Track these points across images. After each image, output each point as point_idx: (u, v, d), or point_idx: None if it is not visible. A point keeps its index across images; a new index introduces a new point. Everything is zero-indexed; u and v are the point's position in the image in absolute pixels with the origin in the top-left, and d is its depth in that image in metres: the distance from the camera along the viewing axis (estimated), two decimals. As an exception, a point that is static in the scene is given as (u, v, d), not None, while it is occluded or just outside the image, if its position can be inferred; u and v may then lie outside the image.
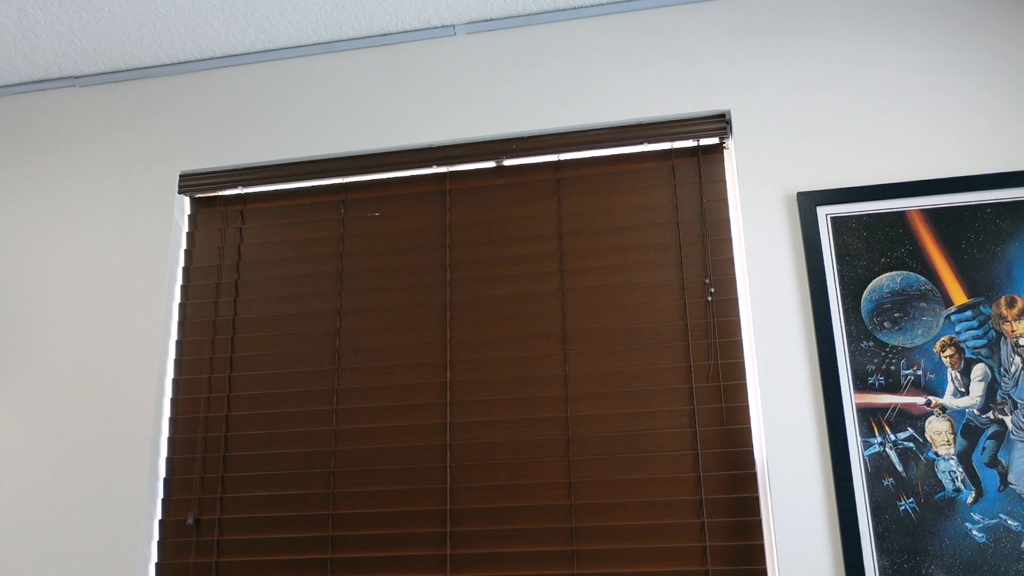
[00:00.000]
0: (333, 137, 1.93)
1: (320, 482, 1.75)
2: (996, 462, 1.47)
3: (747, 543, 1.57)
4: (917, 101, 1.69)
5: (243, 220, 1.96)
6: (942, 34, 1.73)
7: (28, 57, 2.02)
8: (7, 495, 1.82)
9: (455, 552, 1.66)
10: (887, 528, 1.47)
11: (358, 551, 1.70)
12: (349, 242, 1.89)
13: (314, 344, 1.84)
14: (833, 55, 1.75)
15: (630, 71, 1.84)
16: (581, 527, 1.63)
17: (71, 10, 1.84)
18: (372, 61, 1.97)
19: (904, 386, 1.53)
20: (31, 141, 2.10)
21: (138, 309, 1.88)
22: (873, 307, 1.58)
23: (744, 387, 1.64)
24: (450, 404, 1.75)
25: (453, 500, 1.69)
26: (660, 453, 1.64)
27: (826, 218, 1.64)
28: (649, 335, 1.71)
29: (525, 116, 1.85)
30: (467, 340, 1.78)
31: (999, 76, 1.68)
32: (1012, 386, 1.50)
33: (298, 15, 1.89)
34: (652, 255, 1.75)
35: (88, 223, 1.99)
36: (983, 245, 1.57)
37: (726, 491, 1.60)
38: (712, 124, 1.78)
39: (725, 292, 1.70)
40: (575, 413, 1.69)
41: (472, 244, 1.83)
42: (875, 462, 1.50)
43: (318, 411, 1.80)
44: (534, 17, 1.91)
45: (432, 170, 1.90)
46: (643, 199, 1.79)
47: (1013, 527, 1.44)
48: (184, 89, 2.05)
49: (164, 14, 1.87)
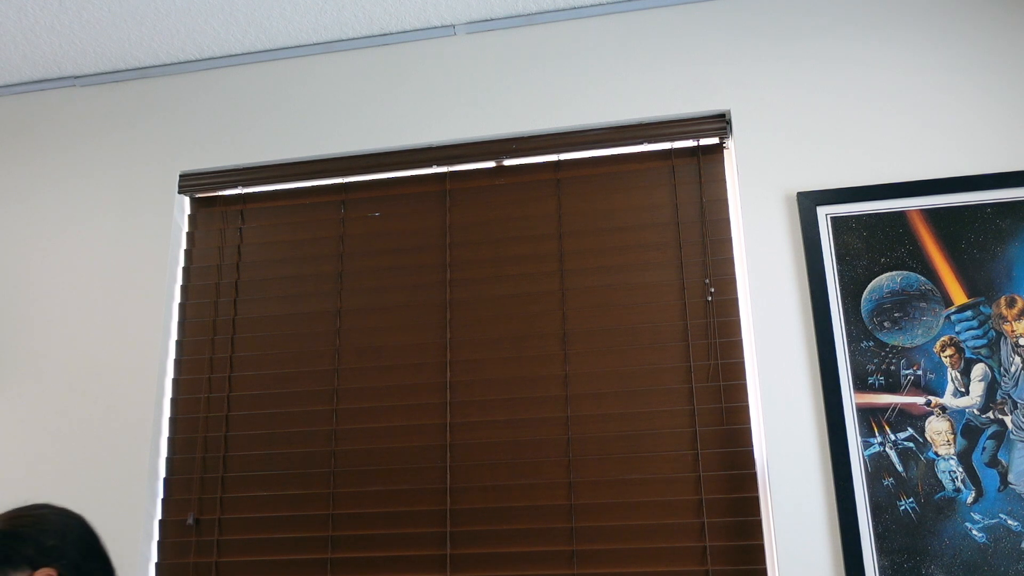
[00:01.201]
0: (333, 137, 1.93)
1: (320, 482, 1.75)
2: (996, 462, 1.47)
3: (747, 543, 1.57)
4: (917, 101, 1.69)
5: (243, 220, 1.96)
6: (942, 34, 1.73)
7: (28, 57, 2.02)
8: (8, 494, 1.82)
9: (455, 552, 1.66)
10: (887, 528, 1.47)
11: (358, 551, 1.70)
12: (349, 242, 1.89)
13: (314, 344, 1.84)
14: (833, 55, 1.76)
15: (630, 71, 1.84)
16: (581, 527, 1.63)
17: (71, 10, 1.84)
18: (372, 61, 1.97)
19: (904, 386, 1.53)
20: (31, 141, 2.10)
21: (138, 309, 1.88)
22: (873, 307, 1.58)
23: (744, 387, 1.64)
24: (450, 404, 1.75)
25: (453, 500, 1.69)
26: (660, 453, 1.64)
27: (826, 218, 1.64)
28: (649, 335, 1.71)
29: (525, 116, 1.85)
30: (467, 340, 1.78)
31: (999, 76, 1.68)
32: (1012, 386, 1.50)
33: (298, 15, 1.89)
34: (652, 255, 1.75)
35: (88, 223, 1.99)
36: (983, 245, 1.57)
37: (726, 491, 1.60)
38: (712, 124, 1.78)
39: (725, 292, 1.70)
40: (575, 413, 1.69)
41: (472, 244, 1.83)
42: (875, 462, 1.50)
43: (318, 411, 1.80)
44: (534, 17, 1.91)
45: (432, 170, 1.90)
46: (643, 199, 1.79)
47: (1013, 527, 1.44)
48: (184, 89, 2.05)
49: (164, 14, 1.87)
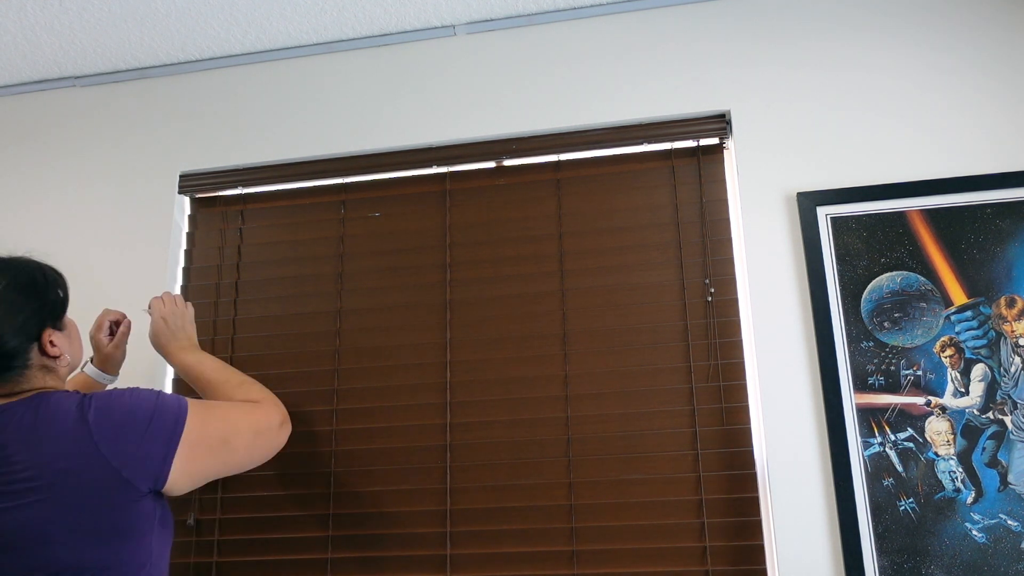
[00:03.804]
0: (333, 137, 1.93)
1: (320, 482, 1.75)
2: (996, 462, 1.47)
3: (747, 543, 1.57)
4: (917, 101, 1.69)
5: (243, 220, 1.96)
6: (942, 35, 1.73)
7: (28, 57, 2.02)
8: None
9: (455, 552, 1.66)
10: (887, 528, 1.47)
11: (358, 551, 1.70)
12: (349, 242, 1.89)
13: (314, 344, 1.84)
14: (833, 55, 1.76)
15: (630, 71, 1.84)
16: (581, 527, 1.63)
17: (71, 10, 1.84)
18: (372, 61, 1.98)
19: (904, 386, 1.53)
20: (31, 141, 2.10)
21: (138, 309, 1.88)
22: (873, 307, 1.58)
23: (744, 387, 1.64)
24: (450, 404, 1.75)
25: (453, 500, 1.69)
26: (660, 453, 1.64)
27: (826, 218, 1.64)
28: (649, 335, 1.71)
29: (525, 116, 1.85)
30: (467, 340, 1.78)
31: (999, 77, 1.68)
32: (1012, 386, 1.50)
33: (298, 15, 1.89)
34: (652, 255, 1.75)
35: (88, 223, 1.99)
36: (983, 245, 1.57)
37: (726, 491, 1.60)
38: (712, 124, 1.78)
39: (725, 292, 1.70)
40: (575, 413, 1.69)
41: (472, 244, 1.83)
42: (875, 462, 1.50)
43: (318, 411, 1.80)
44: (534, 17, 1.91)
45: (432, 170, 1.90)
46: (643, 199, 1.79)
47: (1013, 527, 1.44)
48: (184, 89, 2.05)
49: (164, 14, 1.87)
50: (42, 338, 1.16)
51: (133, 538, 1.09)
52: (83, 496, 1.05)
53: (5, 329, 1.10)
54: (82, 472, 1.05)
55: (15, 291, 1.13)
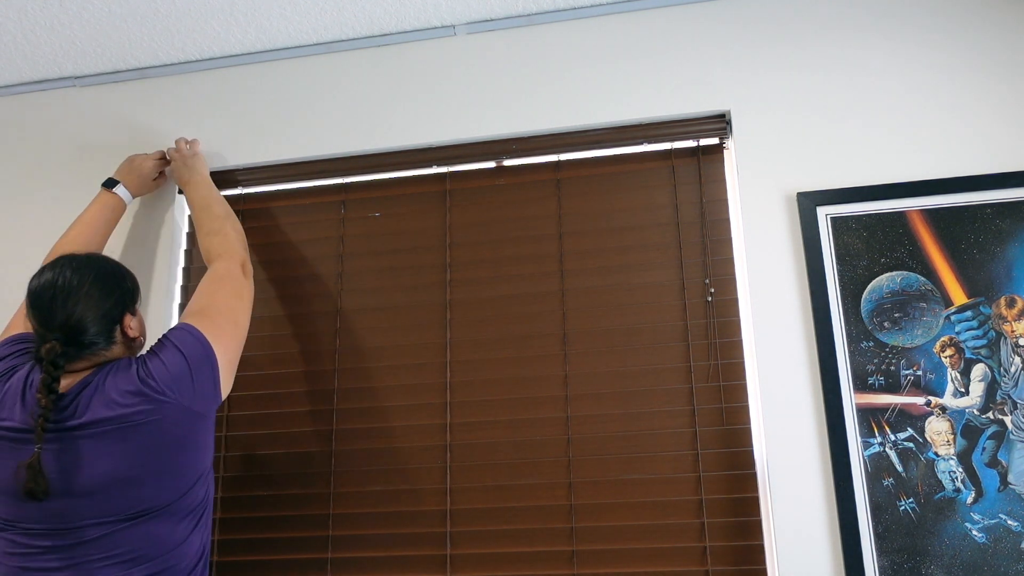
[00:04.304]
0: (333, 137, 1.93)
1: (320, 482, 1.75)
2: (996, 462, 1.47)
3: (747, 543, 1.57)
4: (917, 101, 1.69)
5: (243, 220, 1.96)
6: (942, 34, 1.73)
7: (28, 57, 2.02)
8: (7, 495, 1.82)
9: (455, 552, 1.66)
10: (887, 528, 1.47)
11: (358, 551, 1.70)
12: (349, 242, 1.89)
13: (314, 344, 1.84)
14: (833, 55, 1.76)
15: (630, 71, 1.84)
16: (581, 527, 1.63)
17: (71, 10, 1.84)
18: (372, 61, 1.97)
19: (904, 386, 1.53)
20: (31, 141, 2.10)
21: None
22: (873, 307, 1.58)
23: (744, 387, 1.64)
24: (450, 404, 1.75)
25: (453, 500, 1.69)
26: (660, 453, 1.64)
27: (826, 218, 1.64)
28: (649, 335, 1.71)
29: (525, 116, 1.85)
30: (467, 340, 1.78)
31: (999, 77, 1.68)
32: (1012, 386, 1.50)
33: (298, 15, 1.89)
34: (652, 255, 1.75)
35: (88, 223, 1.99)
36: (983, 245, 1.57)
37: (726, 491, 1.60)
38: (712, 124, 1.78)
39: (725, 292, 1.70)
40: (575, 413, 1.69)
41: (472, 244, 1.83)
42: (875, 462, 1.50)
43: (318, 411, 1.80)
44: (534, 17, 1.91)
45: (432, 170, 1.90)
46: (643, 199, 1.79)
47: (1013, 527, 1.44)
48: (183, 89, 2.05)
49: (164, 14, 1.87)
50: (123, 321, 1.36)
51: (199, 449, 1.33)
52: (164, 434, 1.28)
53: (90, 316, 1.30)
54: (163, 417, 1.28)
55: (99, 283, 1.34)
